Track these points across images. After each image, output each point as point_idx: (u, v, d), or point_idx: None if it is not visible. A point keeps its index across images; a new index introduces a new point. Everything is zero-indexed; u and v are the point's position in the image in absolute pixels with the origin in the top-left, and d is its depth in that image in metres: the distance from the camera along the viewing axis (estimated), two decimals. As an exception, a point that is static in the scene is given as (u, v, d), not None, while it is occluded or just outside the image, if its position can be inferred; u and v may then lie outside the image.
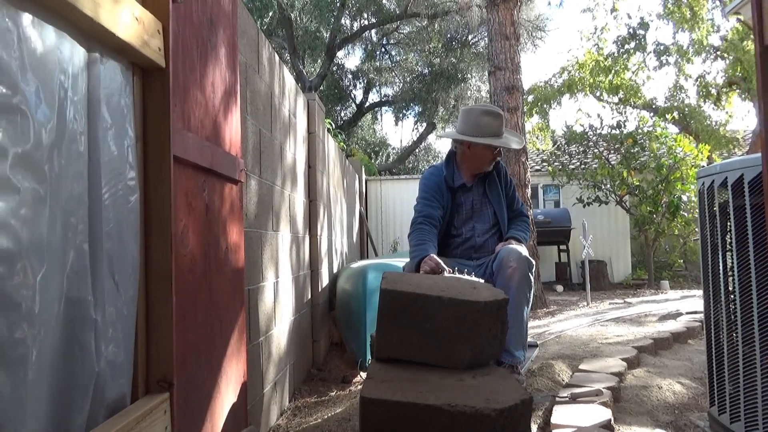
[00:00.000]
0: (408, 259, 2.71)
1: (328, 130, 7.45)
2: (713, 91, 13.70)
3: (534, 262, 2.64)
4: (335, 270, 5.52)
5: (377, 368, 1.79)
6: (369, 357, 3.62)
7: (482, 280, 2.38)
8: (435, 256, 2.47)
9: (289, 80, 3.50)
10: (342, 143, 7.54)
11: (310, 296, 4.03)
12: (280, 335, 3.03)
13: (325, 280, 4.41)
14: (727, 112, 14.37)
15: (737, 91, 14.15)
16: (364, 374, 3.62)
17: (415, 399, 1.48)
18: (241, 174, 1.93)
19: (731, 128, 14.51)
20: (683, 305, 5.73)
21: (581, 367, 3.25)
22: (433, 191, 2.80)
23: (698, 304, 5.80)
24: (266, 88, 2.90)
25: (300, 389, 3.42)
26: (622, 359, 3.41)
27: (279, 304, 3.04)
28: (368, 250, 9.01)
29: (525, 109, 6.77)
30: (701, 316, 4.84)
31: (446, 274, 2.37)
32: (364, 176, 9.32)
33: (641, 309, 5.59)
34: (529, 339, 4.05)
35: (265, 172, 2.83)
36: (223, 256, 1.75)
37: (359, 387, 3.44)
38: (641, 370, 3.35)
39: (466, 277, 2.32)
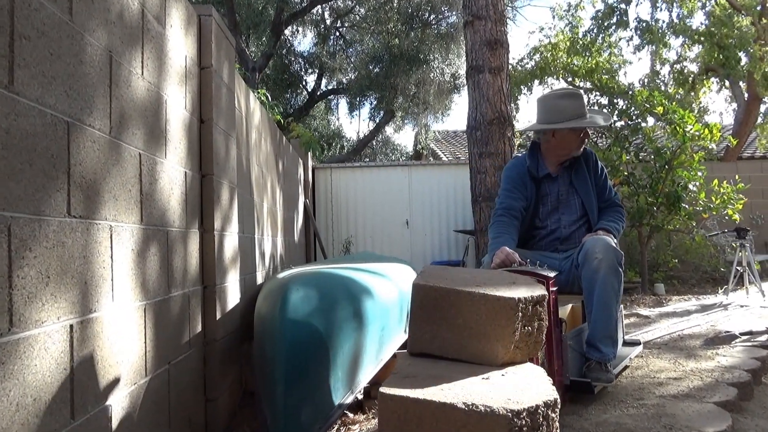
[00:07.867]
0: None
1: (262, 102, 5.88)
2: (690, 79, 12.82)
3: (623, 253, 2.40)
4: (260, 281, 3.98)
5: (405, 363, 1.66)
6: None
7: (553, 272, 2.15)
8: (507, 248, 2.37)
9: (143, -48, 1.96)
10: (278, 116, 5.96)
11: (200, 328, 2.49)
12: (95, 427, 1.49)
13: (233, 299, 2.88)
14: (699, 100, 13.53)
15: (713, 80, 13.31)
16: (280, 470, 2.09)
17: (431, 396, 1.36)
18: None
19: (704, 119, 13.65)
20: (716, 318, 4.46)
21: (663, 458, 1.84)
22: (515, 182, 2.73)
23: (734, 318, 4.53)
24: None
25: (160, 507, 1.89)
26: (716, 433, 2.04)
27: (91, 365, 1.51)
28: (316, 252, 7.48)
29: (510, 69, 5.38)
30: (762, 338, 3.55)
31: (516, 266, 2.25)
32: (310, 162, 7.75)
33: (667, 326, 4.28)
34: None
35: (35, 83, 1.29)
36: None
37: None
38: (751, 453, 1.98)
39: (539, 269, 2.17)
